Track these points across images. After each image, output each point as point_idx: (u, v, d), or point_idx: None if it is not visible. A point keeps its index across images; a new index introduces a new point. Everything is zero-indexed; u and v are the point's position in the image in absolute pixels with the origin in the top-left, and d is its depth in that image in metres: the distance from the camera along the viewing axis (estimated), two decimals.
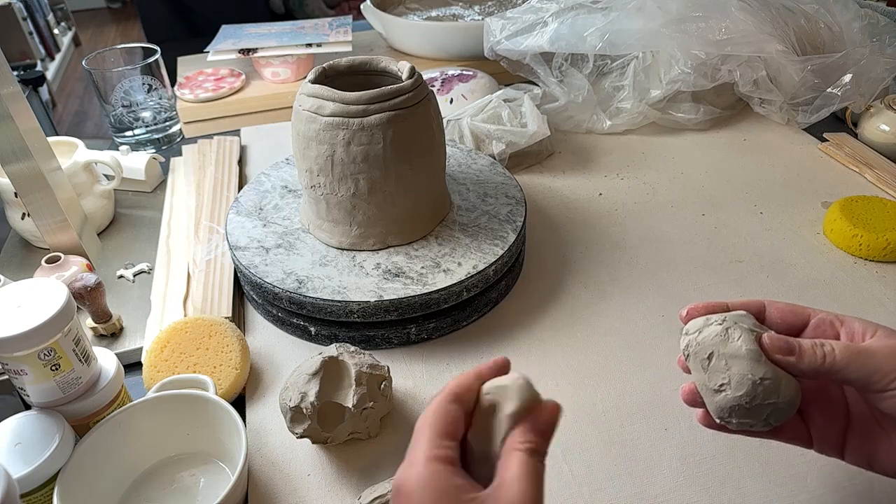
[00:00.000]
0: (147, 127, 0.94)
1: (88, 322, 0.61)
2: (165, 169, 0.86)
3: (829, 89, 0.84)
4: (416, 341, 0.61)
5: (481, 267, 0.60)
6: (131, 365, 0.59)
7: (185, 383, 0.52)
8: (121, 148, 0.83)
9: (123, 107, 0.91)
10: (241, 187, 0.79)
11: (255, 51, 1.02)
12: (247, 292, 0.65)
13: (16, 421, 0.46)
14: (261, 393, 0.57)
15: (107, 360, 0.50)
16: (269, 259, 0.62)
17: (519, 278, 0.67)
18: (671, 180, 0.82)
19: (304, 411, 0.48)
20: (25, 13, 2.97)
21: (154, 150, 0.93)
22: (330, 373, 0.50)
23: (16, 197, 0.67)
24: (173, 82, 1.01)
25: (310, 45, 1.03)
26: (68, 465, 0.44)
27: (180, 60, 1.16)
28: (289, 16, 2.47)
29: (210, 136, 0.90)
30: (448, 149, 0.74)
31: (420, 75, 0.61)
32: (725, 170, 0.84)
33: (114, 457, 0.48)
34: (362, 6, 1.19)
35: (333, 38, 1.06)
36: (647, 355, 0.58)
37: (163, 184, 0.85)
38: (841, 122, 0.94)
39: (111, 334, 0.62)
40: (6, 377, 0.46)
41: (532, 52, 0.88)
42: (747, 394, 0.36)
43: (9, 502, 0.38)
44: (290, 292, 0.58)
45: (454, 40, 1.08)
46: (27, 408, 0.47)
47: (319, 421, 0.48)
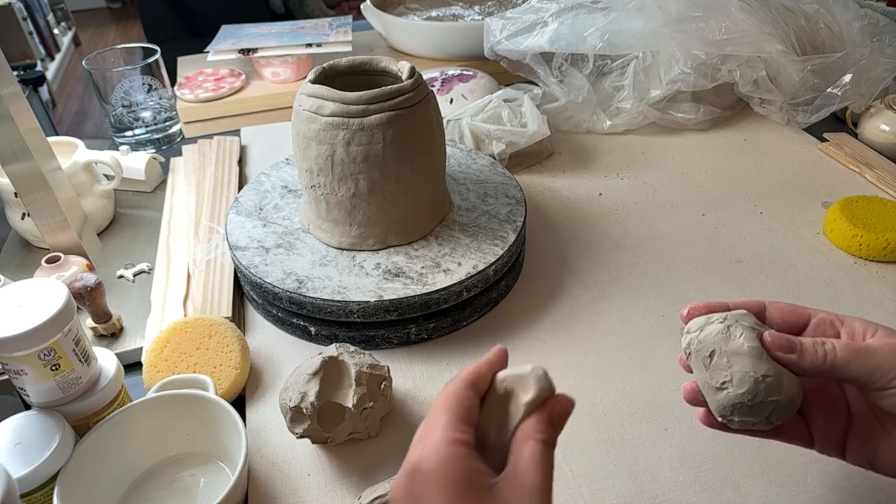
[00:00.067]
0: (147, 127, 0.94)
1: (88, 322, 0.61)
2: (165, 169, 0.86)
3: (829, 89, 0.84)
4: (416, 341, 0.61)
5: (481, 267, 0.60)
6: (131, 365, 0.59)
7: (185, 383, 0.52)
8: (121, 148, 0.83)
9: (123, 107, 0.91)
10: (241, 187, 0.79)
11: (255, 51, 1.02)
12: (247, 292, 0.65)
13: (16, 421, 0.46)
14: (261, 393, 0.57)
15: (107, 360, 0.50)
16: (269, 259, 0.62)
17: (519, 278, 0.68)
18: (671, 180, 0.82)
19: (304, 411, 0.48)
20: (25, 13, 2.97)
21: (154, 150, 0.93)
22: (330, 373, 0.50)
23: (16, 197, 0.67)
24: (173, 82, 1.01)
25: (310, 45, 1.03)
26: (68, 465, 0.44)
27: (180, 60, 1.16)
28: (289, 16, 2.48)
29: (210, 136, 0.90)
30: (448, 149, 0.74)
31: (420, 75, 0.61)
32: (725, 170, 0.84)
33: (114, 457, 0.48)
34: (362, 6, 1.19)
35: (333, 38, 1.06)
36: (647, 355, 0.58)
37: (163, 184, 0.85)
38: (841, 122, 0.94)
39: (111, 334, 0.62)
40: (6, 377, 0.46)
41: (532, 52, 0.88)
42: (749, 391, 0.36)
43: (9, 502, 0.38)
44: (290, 292, 0.58)
45: (454, 40, 1.08)
46: (27, 408, 0.47)
47: (319, 421, 0.48)
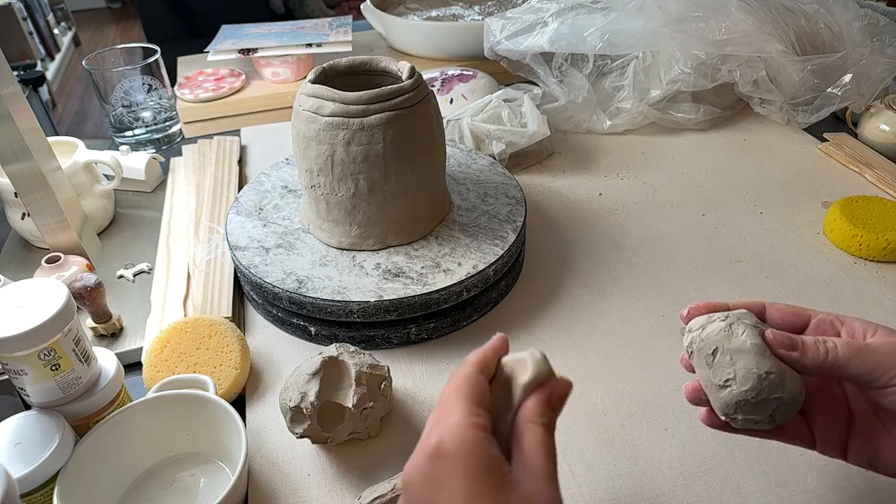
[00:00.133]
0: (147, 127, 0.94)
1: (88, 322, 0.61)
2: (165, 169, 0.86)
3: (829, 89, 0.84)
4: (416, 341, 0.61)
5: (481, 267, 0.60)
6: (131, 365, 0.59)
7: (185, 383, 0.52)
8: (121, 148, 0.83)
9: (123, 107, 0.91)
10: (241, 187, 0.79)
11: (255, 51, 1.02)
12: (247, 292, 0.65)
13: (16, 421, 0.46)
14: (261, 393, 0.57)
15: (107, 360, 0.50)
16: (269, 259, 0.62)
17: (519, 278, 0.67)
18: (671, 180, 0.82)
19: (304, 411, 0.48)
20: (25, 13, 2.97)
21: (154, 150, 0.93)
22: (330, 373, 0.50)
23: (16, 197, 0.67)
24: (173, 82, 1.01)
25: (310, 45, 1.03)
26: (68, 465, 0.44)
27: (180, 60, 1.16)
28: (289, 16, 2.48)
29: (210, 136, 0.90)
30: (448, 149, 0.74)
31: (420, 75, 0.61)
32: (725, 170, 0.84)
33: (114, 457, 0.48)
34: (362, 6, 1.19)
35: (333, 38, 1.06)
36: (647, 355, 0.58)
37: (163, 184, 0.85)
38: (841, 122, 0.94)
39: (111, 334, 0.62)
40: (6, 377, 0.46)
41: (532, 52, 0.88)
42: (753, 388, 0.36)
43: (9, 502, 0.38)
44: (290, 292, 0.58)
45: (454, 40, 1.08)
46: (27, 408, 0.47)
47: (319, 421, 0.48)
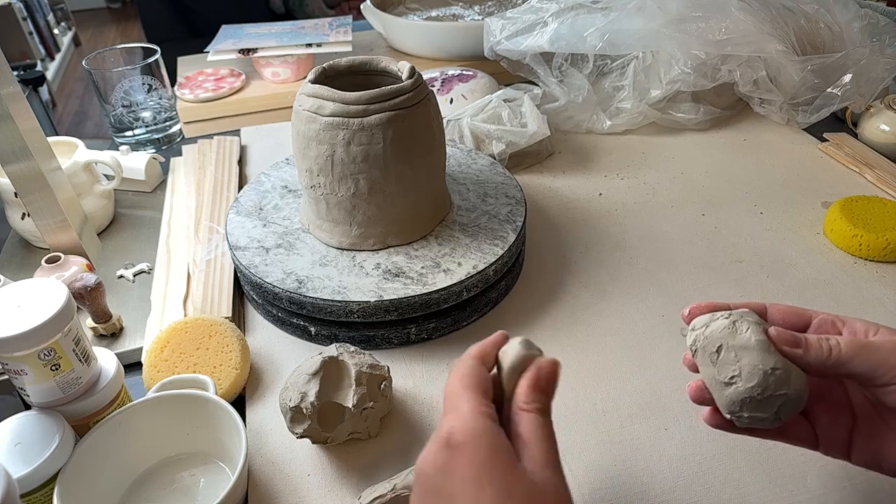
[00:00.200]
0: (147, 127, 0.94)
1: (88, 322, 0.61)
2: (165, 169, 0.86)
3: (829, 89, 0.84)
4: (416, 341, 0.61)
5: (481, 267, 0.60)
6: (131, 365, 0.59)
7: (185, 383, 0.52)
8: (121, 148, 0.83)
9: (123, 107, 0.91)
10: (241, 187, 0.79)
11: (255, 51, 1.02)
12: (247, 292, 0.65)
13: (16, 421, 0.46)
14: (261, 393, 0.57)
15: (107, 360, 0.50)
16: (269, 259, 0.62)
17: (519, 278, 0.67)
18: (671, 180, 0.82)
19: (304, 411, 0.48)
20: (25, 13, 2.97)
21: (154, 150, 0.93)
22: (330, 373, 0.50)
23: (16, 197, 0.67)
24: (173, 82, 1.01)
25: (310, 45, 1.03)
26: (68, 465, 0.44)
27: (180, 60, 1.16)
28: (289, 16, 2.48)
29: (210, 136, 0.90)
30: (448, 149, 0.74)
31: (420, 75, 0.61)
32: (725, 170, 0.84)
33: (114, 457, 0.48)
34: (362, 6, 1.19)
35: (333, 38, 1.06)
36: (647, 355, 0.58)
37: (163, 184, 0.85)
38: (841, 122, 0.94)
39: (111, 334, 0.62)
40: (6, 377, 0.46)
41: (532, 52, 0.88)
42: (759, 384, 0.36)
43: (9, 502, 0.38)
44: (290, 292, 0.58)
45: (454, 40, 1.08)
46: (27, 408, 0.47)
47: (319, 421, 0.48)
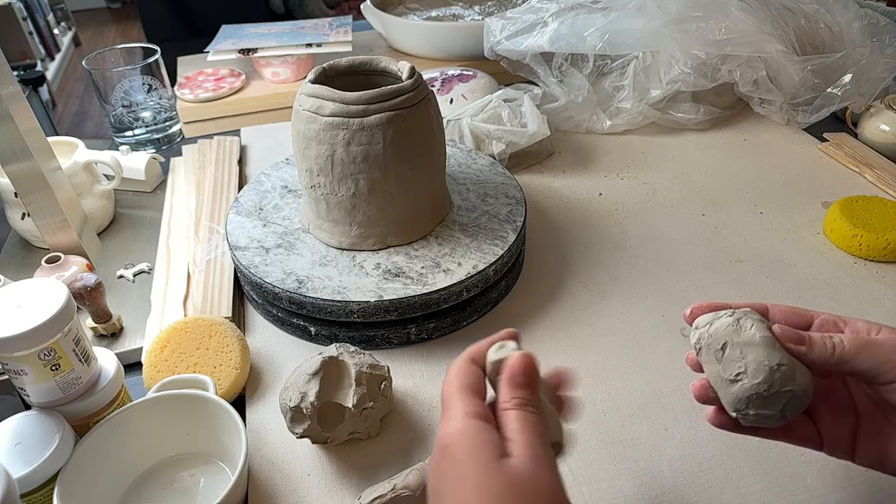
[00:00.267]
0: (147, 127, 0.94)
1: (88, 322, 0.61)
2: (165, 169, 0.86)
3: (829, 89, 0.84)
4: (416, 341, 0.61)
5: (481, 267, 0.60)
6: (131, 365, 0.59)
7: (185, 383, 0.52)
8: (121, 148, 0.83)
9: (123, 107, 0.91)
10: (241, 187, 0.79)
11: (255, 51, 1.02)
12: (247, 292, 0.65)
13: (16, 421, 0.46)
14: (261, 393, 0.57)
15: (107, 360, 0.50)
16: (269, 259, 0.62)
17: (519, 278, 0.67)
18: (671, 180, 0.82)
19: (304, 411, 0.48)
20: (25, 13, 2.97)
21: (154, 150, 0.93)
22: (330, 373, 0.50)
23: (16, 197, 0.67)
24: (173, 82, 1.01)
25: (310, 45, 1.03)
26: (68, 465, 0.44)
27: (180, 60, 1.16)
28: (289, 16, 2.48)
29: (210, 136, 0.90)
30: (448, 149, 0.74)
31: (420, 75, 0.61)
32: (725, 170, 0.84)
33: (114, 457, 0.48)
34: (362, 6, 1.19)
35: (333, 38, 1.06)
36: (647, 355, 0.58)
37: (163, 184, 0.85)
38: (841, 122, 0.94)
39: (111, 334, 0.62)
40: (6, 377, 0.46)
41: (532, 52, 0.88)
42: (765, 381, 0.36)
43: (9, 502, 0.38)
44: (290, 292, 0.58)
45: (454, 40, 1.08)
46: (27, 408, 0.47)
47: (319, 421, 0.48)
